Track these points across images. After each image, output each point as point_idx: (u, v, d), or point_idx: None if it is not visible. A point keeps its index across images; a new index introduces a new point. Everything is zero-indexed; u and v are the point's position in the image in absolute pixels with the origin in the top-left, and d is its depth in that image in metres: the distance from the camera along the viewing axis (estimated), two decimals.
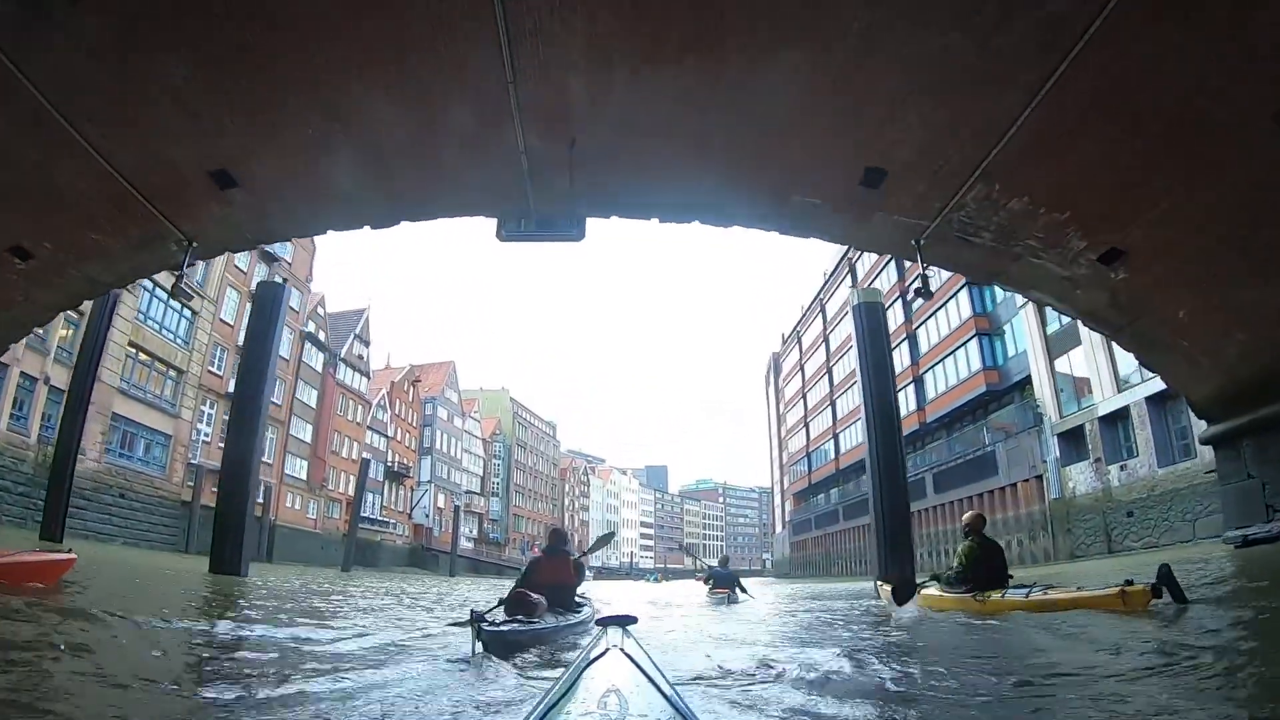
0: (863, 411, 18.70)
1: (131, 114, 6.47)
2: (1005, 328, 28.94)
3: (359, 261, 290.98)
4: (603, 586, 30.16)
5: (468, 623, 4.50)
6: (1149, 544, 18.43)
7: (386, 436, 52.17)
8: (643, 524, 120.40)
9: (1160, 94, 5.69)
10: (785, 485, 63.80)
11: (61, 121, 6.29)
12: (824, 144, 6.88)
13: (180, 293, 8.26)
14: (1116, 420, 20.84)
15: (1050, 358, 24.07)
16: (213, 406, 30.20)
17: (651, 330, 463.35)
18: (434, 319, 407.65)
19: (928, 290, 7.98)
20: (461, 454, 67.18)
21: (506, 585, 6.93)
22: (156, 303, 26.46)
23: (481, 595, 15.23)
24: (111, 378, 23.77)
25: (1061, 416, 23.33)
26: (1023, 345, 26.53)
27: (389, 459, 52.21)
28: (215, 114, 6.50)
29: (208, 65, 5.95)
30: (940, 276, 26.23)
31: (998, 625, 6.38)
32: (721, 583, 14.65)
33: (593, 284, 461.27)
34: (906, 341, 35.56)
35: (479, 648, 4.40)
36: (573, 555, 6.85)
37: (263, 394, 18.03)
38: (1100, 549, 20.57)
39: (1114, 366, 20.62)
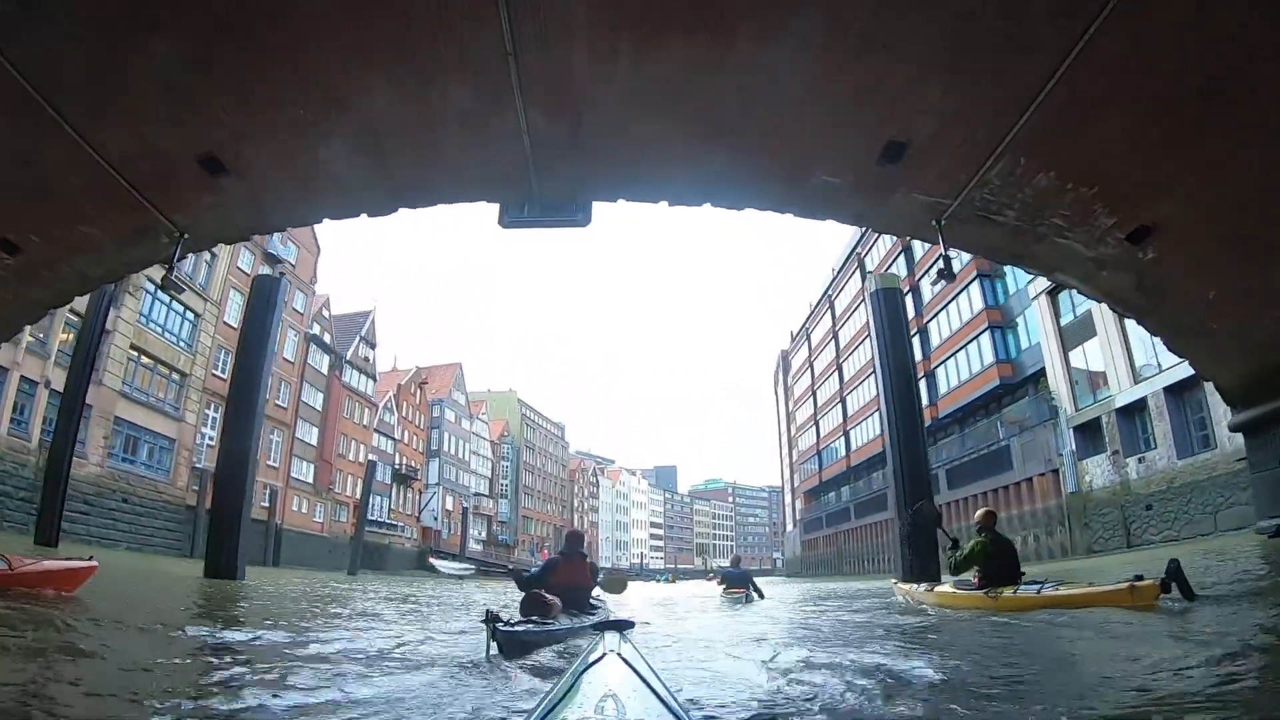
0: (881, 404, 17.86)
1: (117, 98, 6.19)
2: (1018, 320, 28.58)
3: (362, 262, 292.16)
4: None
5: (483, 623, 4.53)
6: (1169, 537, 18.07)
7: (393, 439, 52.02)
8: (652, 524, 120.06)
9: (1193, 61, 5.33)
10: (795, 483, 63.58)
11: (45, 107, 6.03)
12: (842, 117, 6.53)
13: (171, 285, 8.03)
14: (1133, 412, 20.45)
15: (1065, 349, 23.69)
16: (217, 410, 29.89)
17: (660, 318, 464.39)
18: (440, 317, 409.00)
19: (950, 272, 7.66)
20: (469, 456, 67.07)
21: (491, 587, 6.91)
22: (159, 305, 26.31)
23: (480, 596, 14.95)
24: (114, 381, 23.61)
25: (1077, 409, 22.94)
26: (1036, 337, 26.14)
27: (396, 462, 52.11)
28: (203, 96, 6.21)
29: (195, 45, 5.67)
30: (954, 264, 25.87)
31: (1008, 623, 6.33)
32: (735, 583, 14.64)
33: (600, 272, 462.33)
34: (918, 336, 35.08)
35: (494, 649, 4.42)
36: (589, 558, 6.92)
37: (258, 391, 17.29)
38: (1119, 543, 20.18)
39: (1130, 357, 20.24)
